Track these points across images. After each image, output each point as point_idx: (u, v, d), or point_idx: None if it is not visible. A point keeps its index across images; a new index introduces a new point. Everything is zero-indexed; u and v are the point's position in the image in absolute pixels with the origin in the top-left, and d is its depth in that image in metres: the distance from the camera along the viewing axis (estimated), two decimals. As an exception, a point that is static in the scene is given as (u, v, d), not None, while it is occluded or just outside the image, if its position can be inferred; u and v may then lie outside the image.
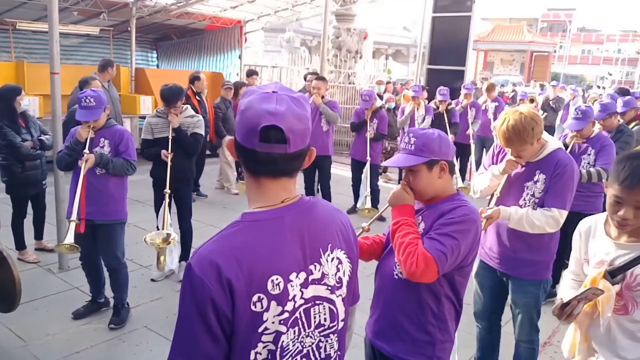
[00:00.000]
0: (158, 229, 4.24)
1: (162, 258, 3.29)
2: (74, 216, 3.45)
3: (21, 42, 10.10)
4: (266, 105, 1.15)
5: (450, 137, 6.86)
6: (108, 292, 3.95)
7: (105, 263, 3.83)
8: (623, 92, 6.86)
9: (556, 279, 4.30)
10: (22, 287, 3.26)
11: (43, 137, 4.71)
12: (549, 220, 2.64)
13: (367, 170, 6.16)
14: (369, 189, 5.94)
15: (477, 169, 5.73)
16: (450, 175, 2.01)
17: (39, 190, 4.86)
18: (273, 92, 1.19)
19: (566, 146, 4.12)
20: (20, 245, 4.83)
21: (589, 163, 4.10)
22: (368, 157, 6.16)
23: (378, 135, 6.44)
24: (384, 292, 2.07)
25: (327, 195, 6.38)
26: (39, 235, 5.04)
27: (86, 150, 3.50)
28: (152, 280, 4.51)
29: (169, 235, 3.47)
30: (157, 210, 4.45)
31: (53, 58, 4.28)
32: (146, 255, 4.88)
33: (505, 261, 2.84)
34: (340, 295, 1.32)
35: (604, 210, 4.72)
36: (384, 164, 2.33)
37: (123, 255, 3.84)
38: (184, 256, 4.61)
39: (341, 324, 1.33)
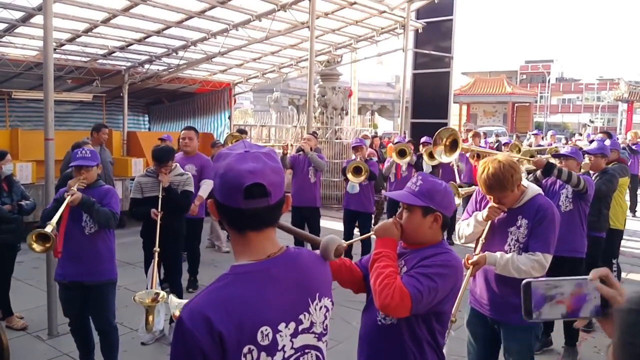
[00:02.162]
0: (147, 289, 4.24)
1: (150, 318, 3.29)
2: (52, 228, 3.42)
3: (16, 110, 10.36)
4: (245, 166, 1.23)
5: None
6: (98, 357, 3.88)
7: (95, 326, 3.79)
8: (608, 135, 7.24)
9: (547, 327, 4.29)
10: (10, 355, 3.23)
11: (22, 202, 4.76)
12: (534, 264, 2.67)
13: None
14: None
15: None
16: (442, 229, 2.06)
17: (13, 254, 4.86)
18: (246, 151, 1.27)
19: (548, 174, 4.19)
20: (6, 311, 4.76)
21: (567, 196, 4.17)
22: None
23: (372, 175, 6.52)
24: (367, 338, 2.10)
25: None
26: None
27: (74, 188, 3.54)
28: (143, 344, 4.45)
29: (157, 294, 3.50)
30: (147, 271, 4.46)
31: (47, 125, 4.41)
32: (136, 318, 4.80)
33: (494, 307, 2.86)
34: (325, 342, 1.38)
35: (588, 252, 4.66)
36: (386, 193, 2.39)
37: (114, 318, 3.82)
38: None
39: None
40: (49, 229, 3.38)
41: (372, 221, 8.55)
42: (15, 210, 4.68)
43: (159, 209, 4.29)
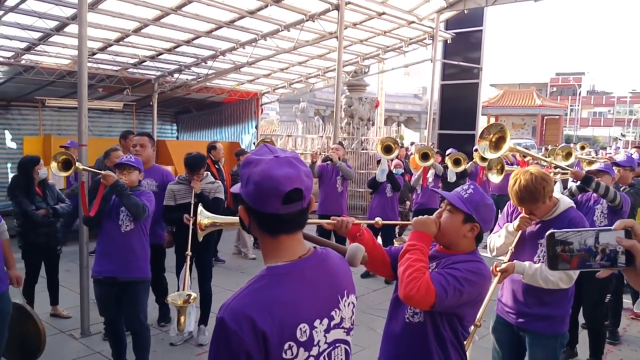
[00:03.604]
0: (178, 290, 4.29)
1: (182, 318, 3.34)
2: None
3: (49, 118, 10.64)
4: (282, 171, 1.25)
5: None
6: (130, 356, 3.94)
7: (128, 326, 3.88)
8: (640, 149, 7.10)
9: (573, 338, 4.26)
10: (45, 350, 3.33)
11: (57, 206, 4.88)
12: (563, 275, 2.67)
13: None
14: None
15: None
16: (475, 241, 2.09)
17: (53, 256, 5.00)
18: (276, 156, 1.28)
19: (584, 189, 4.16)
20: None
21: (602, 212, 4.16)
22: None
23: (396, 185, 6.63)
24: (394, 336, 2.12)
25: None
26: (54, 300, 5.13)
27: (109, 172, 3.74)
28: (171, 344, 4.51)
29: (189, 296, 3.58)
30: (178, 274, 4.52)
31: (81, 132, 4.50)
32: (166, 319, 4.94)
33: (520, 316, 2.87)
34: (351, 335, 1.43)
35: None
36: (438, 191, 2.41)
37: (146, 318, 3.89)
38: (203, 320, 4.62)
39: None
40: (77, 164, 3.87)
41: (397, 231, 8.52)
42: (50, 214, 4.78)
43: (191, 215, 4.35)
